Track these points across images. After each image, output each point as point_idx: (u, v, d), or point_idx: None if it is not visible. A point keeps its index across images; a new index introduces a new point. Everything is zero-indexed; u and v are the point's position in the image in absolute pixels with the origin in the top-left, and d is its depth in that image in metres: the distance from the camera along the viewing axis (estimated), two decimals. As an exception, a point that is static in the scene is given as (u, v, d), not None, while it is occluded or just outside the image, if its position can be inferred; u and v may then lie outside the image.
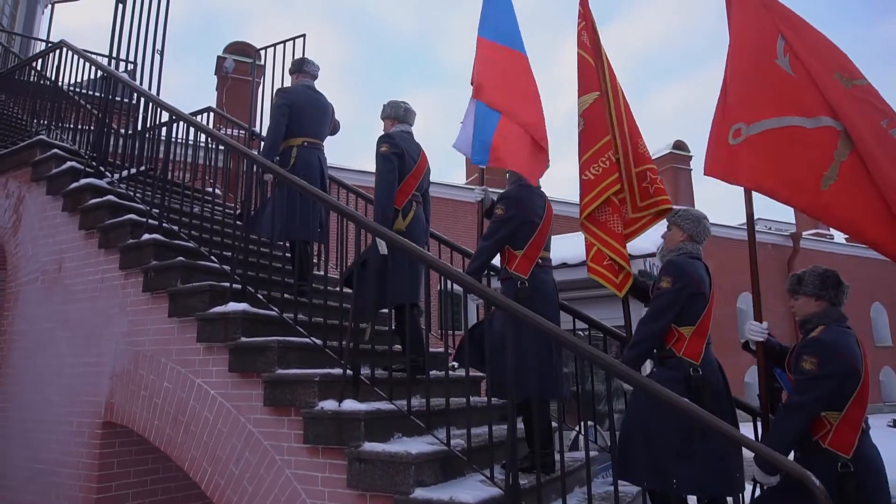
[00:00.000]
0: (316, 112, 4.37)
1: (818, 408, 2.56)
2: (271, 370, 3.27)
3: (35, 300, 4.78)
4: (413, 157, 3.83)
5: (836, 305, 2.76)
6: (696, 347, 2.99)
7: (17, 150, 5.23)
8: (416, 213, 3.81)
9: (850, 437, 2.55)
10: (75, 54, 5.27)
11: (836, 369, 2.54)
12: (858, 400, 2.55)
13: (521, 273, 3.38)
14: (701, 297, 3.05)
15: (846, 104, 2.77)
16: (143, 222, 4.21)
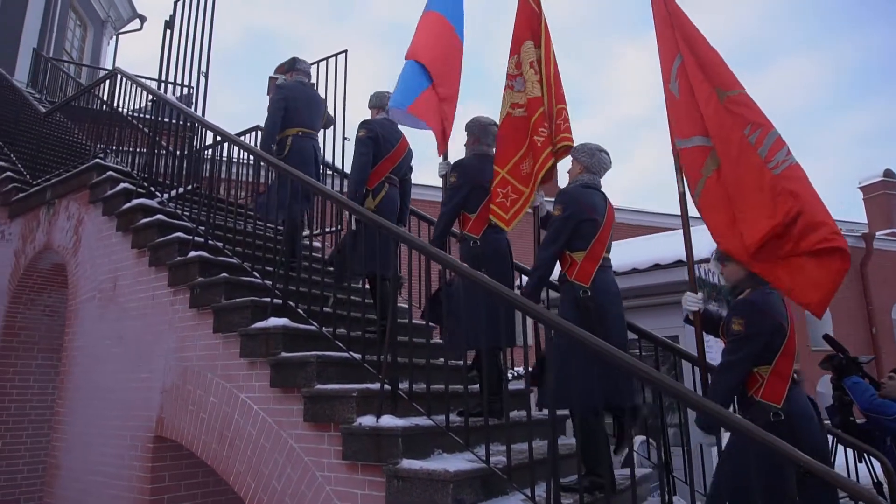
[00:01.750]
0: (309, 105, 4.71)
1: (749, 365, 2.76)
2: (311, 385, 3.26)
3: (92, 317, 4.96)
4: (391, 143, 4.11)
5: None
6: (587, 271, 3.16)
7: (77, 174, 5.47)
8: (387, 193, 4.10)
9: (780, 388, 2.73)
10: (128, 80, 5.48)
11: (763, 327, 2.74)
12: (786, 354, 2.75)
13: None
14: (591, 222, 3.20)
15: (716, 119, 3.01)
16: (189, 240, 4.31)
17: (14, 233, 6.33)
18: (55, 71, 11.38)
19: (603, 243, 3.23)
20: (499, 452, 2.99)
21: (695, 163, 3.10)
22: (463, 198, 3.64)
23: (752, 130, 2.98)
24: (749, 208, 2.87)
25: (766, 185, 2.87)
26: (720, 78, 3.10)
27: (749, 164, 2.92)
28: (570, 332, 2.63)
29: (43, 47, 12.45)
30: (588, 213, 3.22)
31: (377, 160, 4.05)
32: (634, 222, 16.36)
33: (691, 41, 3.20)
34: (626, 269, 5.58)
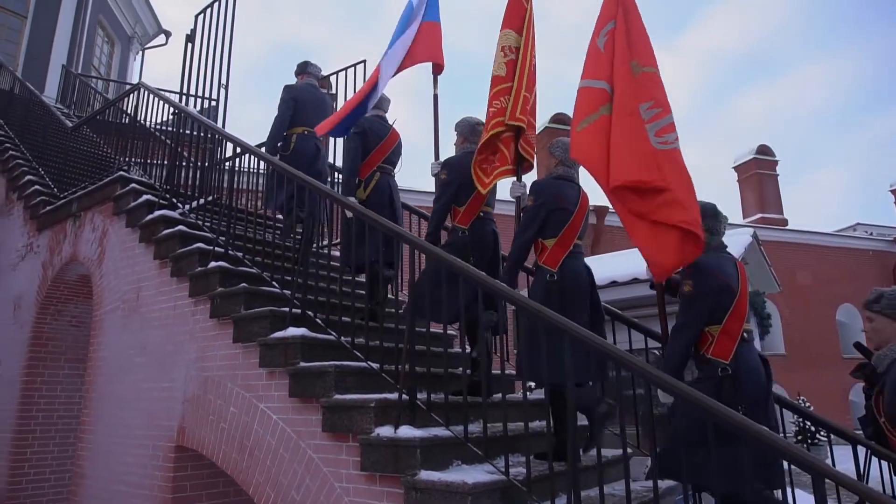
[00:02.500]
0: (316, 106, 4.97)
1: (700, 323, 2.91)
2: (329, 395, 3.24)
3: (116, 328, 5.02)
4: (379, 136, 4.43)
5: (715, 235, 3.14)
6: (556, 256, 3.37)
7: (102, 187, 5.56)
8: (378, 182, 4.38)
9: (728, 345, 2.86)
10: (151, 94, 5.57)
11: (710, 287, 2.90)
12: (735, 313, 2.89)
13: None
14: (562, 211, 3.41)
15: (623, 84, 3.27)
16: (210, 250, 4.34)
17: (42, 245, 6.46)
18: (83, 87, 11.65)
19: (574, 231, 3.43)
20: (518, 464, 2.94)
21: (591, 102, 3.33)
22: (453, 193, 3.85)
23: (652, 107, 3.21)
24: (622, 157, 3.12)
25: (646, 151, 3.12)
26: (640, 54, 3.35)
27: (635, 130, 3.16)
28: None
29: (72, 64, 12.76)
30: (559, 203, 3.43)
31: (368, 152, 4.36)
32: (658, 228, 16.15)
33: (629, 14, 3.46)
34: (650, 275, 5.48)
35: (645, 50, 3.38)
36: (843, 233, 19.99)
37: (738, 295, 2.93)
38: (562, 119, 16.44)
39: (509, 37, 3.94)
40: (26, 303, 6.47)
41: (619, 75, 3.31)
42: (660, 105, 3.22)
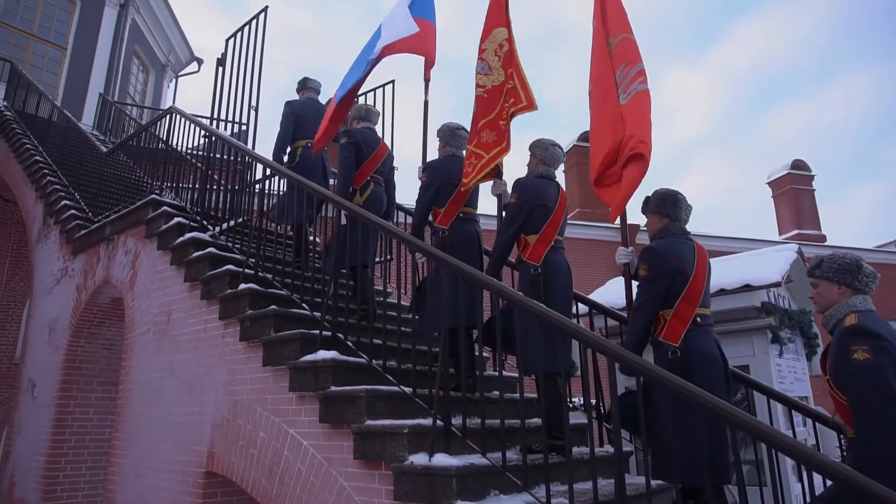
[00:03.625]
0: (318, 119, 5.14)
1: (655, 306, 3.01)
2: (361, 421, 3.13)
3: (147, 350, 5.01)
4: (371, 147, 4.65)
5: (676, 221, 3.21)
6: (538, 251, 3.47)
7: (134, 210, 5.61)
8: (373, 190, 4.63)
9: (679, 328, 2.96)
10: (183, 118, 5.62)
11: (663, 270, 3.00)
12: (687, 297, 2.98)
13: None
14: (543, 208, 3.51)
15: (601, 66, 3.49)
16: (239, 272, 4.30)
17: (77, 268, 6.54)
18: (118, 113, 11.93)
19: (555, 227, 3.55)
20: (560, 493, 2.79)
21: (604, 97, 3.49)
22: (434, 193, 3.96)
23: (623, 68, 3.38)
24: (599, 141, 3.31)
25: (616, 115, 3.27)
26: (613, 26, 3.54)
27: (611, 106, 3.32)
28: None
29: (108, 92, 13.10)
30: (540, 200, 3.54)
31: (361, 163, 4.60)
32: (691, 246, 15.81)
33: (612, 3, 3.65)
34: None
35: (617, 20, 3.56)
36: (884, 248, 19.33)
37: (692, 279, 3.01)
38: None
39: (497, 36, 4.10)
40: (61, 326, 6.53)
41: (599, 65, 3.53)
42: (629, 62, 3.39)
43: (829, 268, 2.61)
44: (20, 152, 8.41)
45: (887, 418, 2.21)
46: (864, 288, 2.55)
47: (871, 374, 2.27)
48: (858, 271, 2.55)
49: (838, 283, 2.57)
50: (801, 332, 5.42)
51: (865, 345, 2.32)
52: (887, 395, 2.22)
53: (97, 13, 13.44)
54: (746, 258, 5.77)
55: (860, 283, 2.54)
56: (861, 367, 2.29)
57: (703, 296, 3.04)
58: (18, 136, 8.69)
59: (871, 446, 2.23)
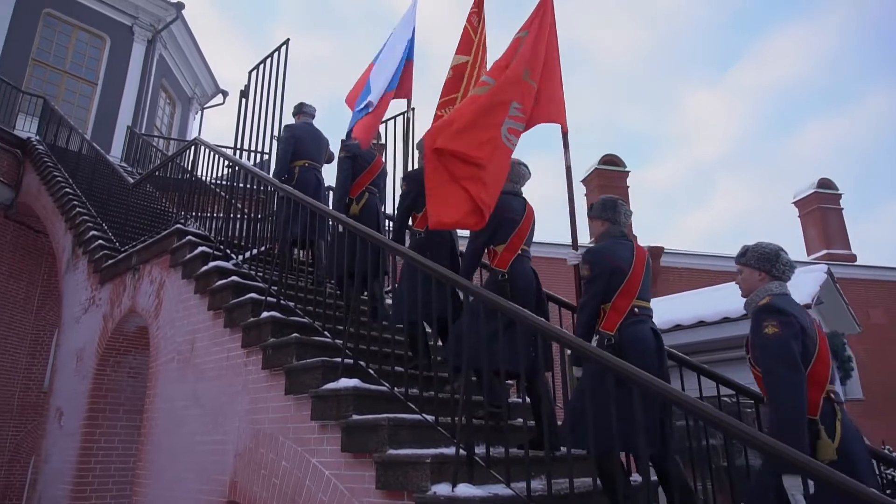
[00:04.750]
0: (313, 141, 5.62)
1: (597, 302, 3.28)
2: (383, 450, 3.09)
3: (172, 379, 5.03)
4: (367, 161, 5.05)
5: (615, 224, 3.47)
6: (505, 259, 3.78)
7: (160, 239, 5.70)
8: (368, 200, 5.01)
9: (615, 319, 3.21)
10: (207, 149, 5.73)
11: (602, 269, 3.27)
12: (624, 292, 3.24)
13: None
14: (510, 220, 3.82)
15: (511, 79, 3.78)
16: (262, 300, 4.32)
17: (104, 298, 6.64)
18: (145, 145, 12.23)
19: (521, 237, 3.84)
20: (587, 526, 2.71)
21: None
22: (412, 201, 4.30)
23: (519, 109, 3.77)
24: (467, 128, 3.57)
25: (491, 135, 3.61)
26: (534, 66, 3.93)
27: (494, 116, 3.66)
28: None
29: (136, 125, 13.46)
30: (507, 213, 3.83)
31: (357, 174, 4.99)
32: (716, 268, 15.55)
33: (543, 30, 4.06)
34: (717, 318, 5.18)
35: (537, 64, 3.96)
36: (918, 267, 18.79)
37: (629, 276, 3.27)
38: (611, 160, 16.33)
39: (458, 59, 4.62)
40: (88, 354, 6.62)
41: (511, 72, 3.82)
42: (525, 112, 3.82)
43: (752, 256, 2.90)
44: (51, 185, 8.64)
45: (790, 383, 2.46)
46: (782, 275, 2.83)
47: (779, 346, 2.53)
48: (777, 259, 2.83)
49: (759, 270, 2.85)
50: (835, 356, 5.26)
51: (775, 320, 2.59)
52: (791, 363, 2.49)
53: (126, 49, 13.89)
54: (774, 280, 5.65)
55: (777, 270, 2.82)
56: (770, 339, 2.57)
57: (640, 290, 3.29)
58: (50, 170, 8.94)
59: (777, 409, 2.47)
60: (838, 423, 2.50)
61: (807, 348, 2.57)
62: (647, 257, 3.43)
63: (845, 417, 2.56)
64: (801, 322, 2.60)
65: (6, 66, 11.83)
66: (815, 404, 2.52)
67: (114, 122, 13.33)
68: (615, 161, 16.37)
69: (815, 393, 2.52)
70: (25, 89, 11.73)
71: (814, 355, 2.58)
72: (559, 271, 13.78)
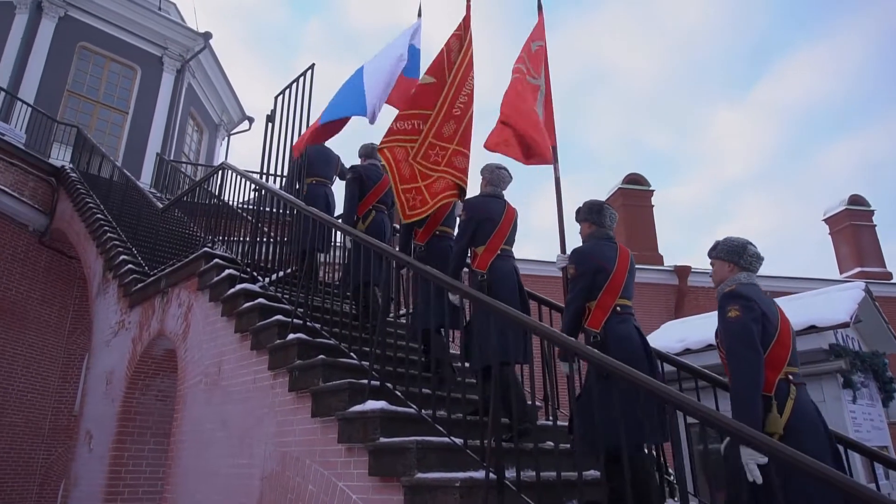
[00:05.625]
0: (322, 159, 5.98)
1: (581, 299, 3.45)
2: (411, 474, 3.04)
3: (199, 402, 5.05)
4: (373, 181, 5.26)
5: (601, 227, 3.66)
6: (485, 260, 3.97)
7: (188, 263, 5.76)
8: (374, 217, 5.22)
9: (600, 316, 3.37)
10: (234, 173, 5.81)
11: (587, 268, 3.45)
12: (608, 290, 3.40)
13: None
14: (489, 222, 4.02)
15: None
16: (288, 322, 4.33)
17: (133, 321, 6.72)
18: (174, 171, 12.48)
19: (501, 238, 4.02)
20: (623, 554, 2.61)
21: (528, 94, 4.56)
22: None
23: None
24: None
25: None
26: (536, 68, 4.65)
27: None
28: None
29: (165, 151, 13.77)
30: (486, 215, 4.04)
31: (364, 194, 5.20)
32: (745, 287, 15.22)
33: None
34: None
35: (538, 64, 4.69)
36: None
37: (613, 275, 3.43)
38: (635, 179, 16.23)
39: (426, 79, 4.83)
40: (117, 378, 6.68)
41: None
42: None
43: (721, 249, 3.09)
44: (83, 211, 8.84)
45: (748, 362, 2.65)
46: (749, 266, 3.01)
47: (739, 328, 2.73)
48: (744, 252, 3.02)
49: (728, 262, 3.04)
50: (875, 377, 5.08)
51: (737, 305, 2.80)
52: (750, 343, 2.69)
53: (156, 79, 14.28)
54: (809, 298, 5.50)
55: (745, 261, 3.01)
56: (732, 322, 2.78)
57: (623, 289, 3.44)
58: (82, 196, 9.16)
59: (734, 385, 2.68)
60: (790, 401, 2.68)
61: (767, 332, 2.76)
62: (631, 257, 3.60)
63: (802, 397, 2.72)
64: (762, 308, 2.79)
65: (42, 97, 12.23)
66: (771, 383, 2.71)
67: (144, 149, 13.65)
68: (639, 180, 16.25)
69: (772, 373, 2.72)
70: (60, 119, 12.10)
71: (773, 339, 2.76)
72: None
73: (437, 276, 3.52)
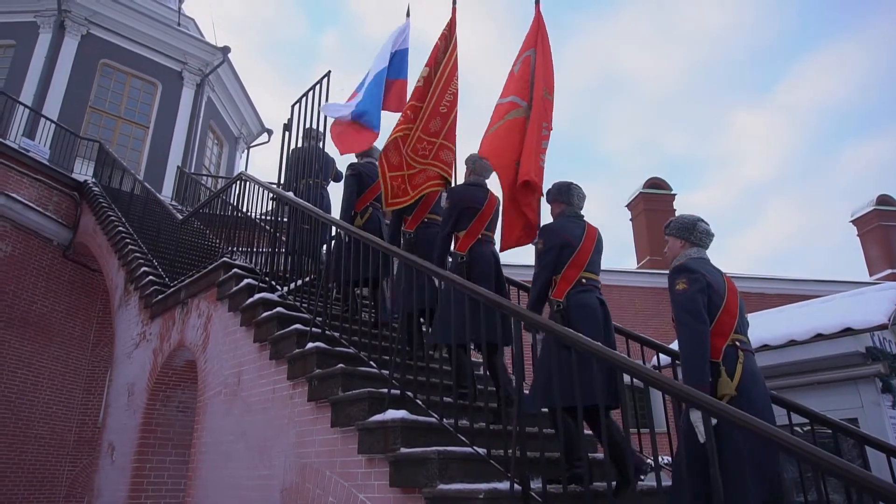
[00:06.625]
0: (318, 162, 6.07)
1: (548, 272, 3.61)
2: (432, 485, 2.95)
3: (219, 413, 5.01)
4: (371, 178, 5.30)
5: (569, 206, 3.82)
6: (465, 244, 4.20)
7: (207, 273, 5.75)
8: (371, 215, 5.34)
9: (564, 288, 3.55)
10: (252, 182, 5.80)
11: (553, 243, 3.63)
12: (573, 264, 3.58)
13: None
14: (470, 209, 4.23)
15: (539, 103, 4.27)
16: (307, 331, 4.27)
17: (154, 332, 6.73)
18: (194, 184, 12.58)
19: (482, 223, 4.24)
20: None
21: (501, 112, 4.39)
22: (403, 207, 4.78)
23: (546, 128, 4.31)
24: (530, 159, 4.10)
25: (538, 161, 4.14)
26: (549, 82, 4.43)
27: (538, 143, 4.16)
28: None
29: (186, 164, 13.91)
30: (468, 202, 4.26)
31: (362, 191, 5.31)
32: (772, 291, 14.92)
33: (545, 48, 4.46)
34: (782, 341, 4.87)
35: (550, 79, 4.44)
36: None
37: (578, 250, 3.59)
38: (656, 183, 16.00)
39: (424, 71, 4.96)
40: (138, 389, 6.69)
41: (536, 96, 4.28)
42: (549, 129, 4.34)
43: (675, 227, 3.24)
44: (105, 224, 8.93)
45: (694, 331, 2.80)
46: (699, 242, 3.16)
47: (685, 299, 2.88)
48: (694, 228, 3.16)
49: (680, 238, 3.18)
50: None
51: (684, 277, 2.95)
52: (695, 313, 2.83)
53: (176, 93, 14.45)
54: (843, 300, 5.32)
55: (695, 237, 3.15)
56: (680, 294, 2.92)
57: (588, 263, 3.60)
58: (104, 210, 9.25)
59: (683, 352, 2.82)
60: (739, 366, 2.81)
61: (713, 302, 2.91)
62: (598, 234, 3.76)
63: (748, 363, 2.86)
64: (708, 279, 2.94)
65: (66, 114, 12.43)
66: (718, 350, 2.84)
67: (165, 162, 13.80)
68: (660, 184, 16.04)
69: (719, 340, 2.86)
70: (83, 135, 12.29)
71: (720, 309, 2.91)
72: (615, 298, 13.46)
73: (424, 265, 3.68)
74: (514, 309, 3.13)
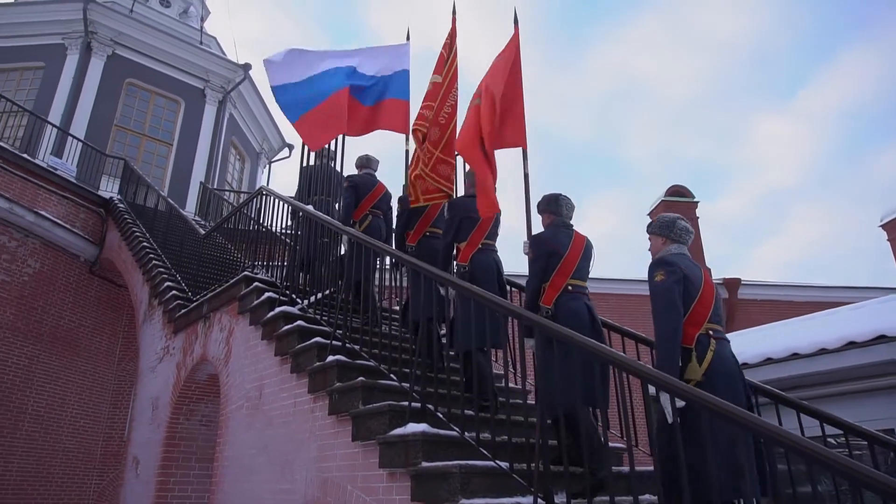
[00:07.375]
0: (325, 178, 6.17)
1: (537, 280, 3.82)
2: (454, 499, 2.90)
3: (241, 426, 5.01)
4: (367, 188, 5.66)
5: (558, 216, 4.02)
6: (466, 254, 4.39)
7: (229, 287, 5.79)
8: (370, 222, 5.58)
9: (552, 294, 3.76)
10: (273, 197, 5.84)
11: (542, 251, 3.84)
12: (560, 272, 3.77)
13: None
14: (468, 219, 4.41)
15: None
16: (327, 344, 4.26)
17: (177, 347, 6.79)
18: (218, 200, 12.75)
19: (482, 233, 4.41)
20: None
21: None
22: (405, 220, 5.07)
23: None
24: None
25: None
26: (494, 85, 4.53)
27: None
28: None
29: (208, 180, 14.11)
30: (466, 213, 4.42)
31: (359, 201, 5.58)
32: (800, 298, 14.61)
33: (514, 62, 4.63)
34: (813, 349, 4.74)
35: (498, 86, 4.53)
36: None
37: (565, 258, 3.78)
38: (678, 191, 15.81)
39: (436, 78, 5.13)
40: (162, 403, 6.74)
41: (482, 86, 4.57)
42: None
43: (656, 225, 3.40)
44: (130, 240, 9.07)
45: (667, 319, 2.96)
46: (679, 238, 3.31)
47: (662, 290, 3.04)
48: (673, 226, 3.33)
49: (661, 236, 3.35)
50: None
51: (662, 270, 3.11)
52: (671, 304, 2.99)
53: (199, 111, 14.70)
54: (875, 306, 5.17)
55: (675, 234, 3.32)
56: (657, 284, 3.08)
57: (575, 271, 3.78)
58: (129, 226, 9.41)
59: (657, 339, 2.99)
60: (710, 353, 2.94)
61: (689, 293, 3.05)
62: (587, 242, 3.93)
63: (721, 351, 2.99)
64: (685, 272, 3.09)
65: (92, 132, 12.71)
66: (691, 337, 2.98)
67: (188, 178, 14.02)
68: (682, 192, 15.83)
69: (692, 328, 3.00)
70: (109, 153, 12.54)
71: (695, 300, 3.05)
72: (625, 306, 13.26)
73: (430, 270, 3.77)
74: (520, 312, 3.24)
